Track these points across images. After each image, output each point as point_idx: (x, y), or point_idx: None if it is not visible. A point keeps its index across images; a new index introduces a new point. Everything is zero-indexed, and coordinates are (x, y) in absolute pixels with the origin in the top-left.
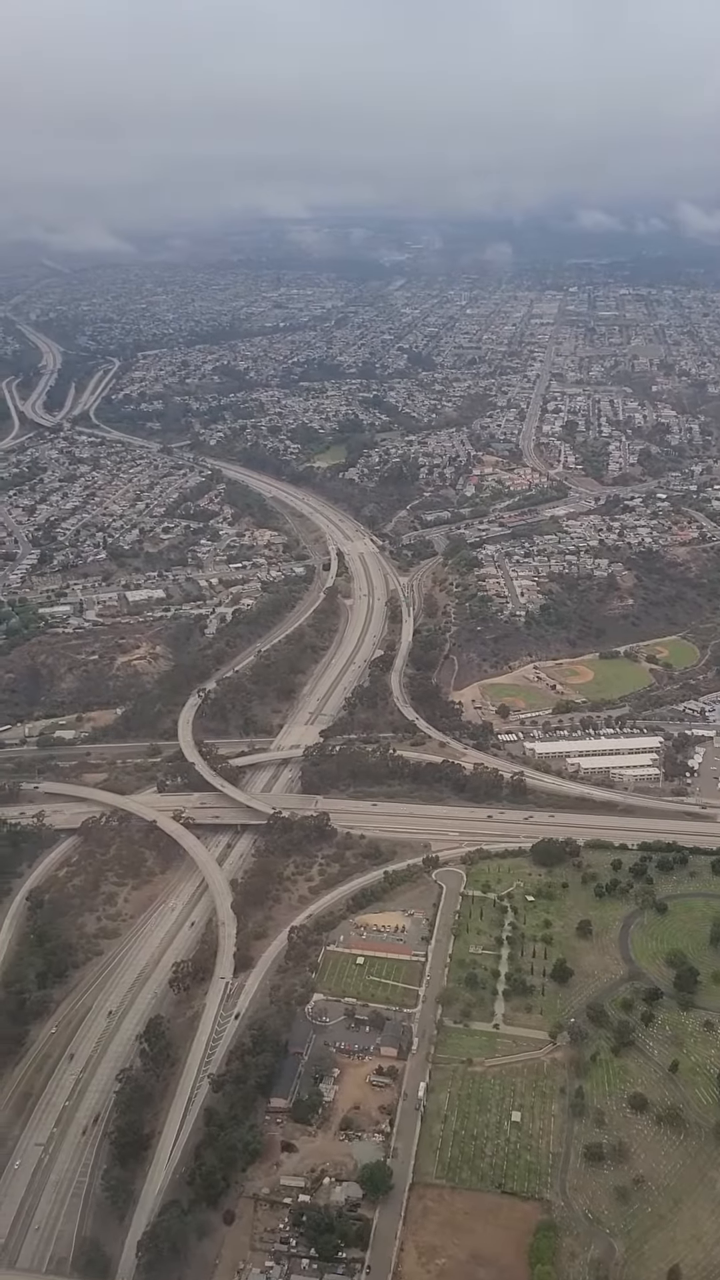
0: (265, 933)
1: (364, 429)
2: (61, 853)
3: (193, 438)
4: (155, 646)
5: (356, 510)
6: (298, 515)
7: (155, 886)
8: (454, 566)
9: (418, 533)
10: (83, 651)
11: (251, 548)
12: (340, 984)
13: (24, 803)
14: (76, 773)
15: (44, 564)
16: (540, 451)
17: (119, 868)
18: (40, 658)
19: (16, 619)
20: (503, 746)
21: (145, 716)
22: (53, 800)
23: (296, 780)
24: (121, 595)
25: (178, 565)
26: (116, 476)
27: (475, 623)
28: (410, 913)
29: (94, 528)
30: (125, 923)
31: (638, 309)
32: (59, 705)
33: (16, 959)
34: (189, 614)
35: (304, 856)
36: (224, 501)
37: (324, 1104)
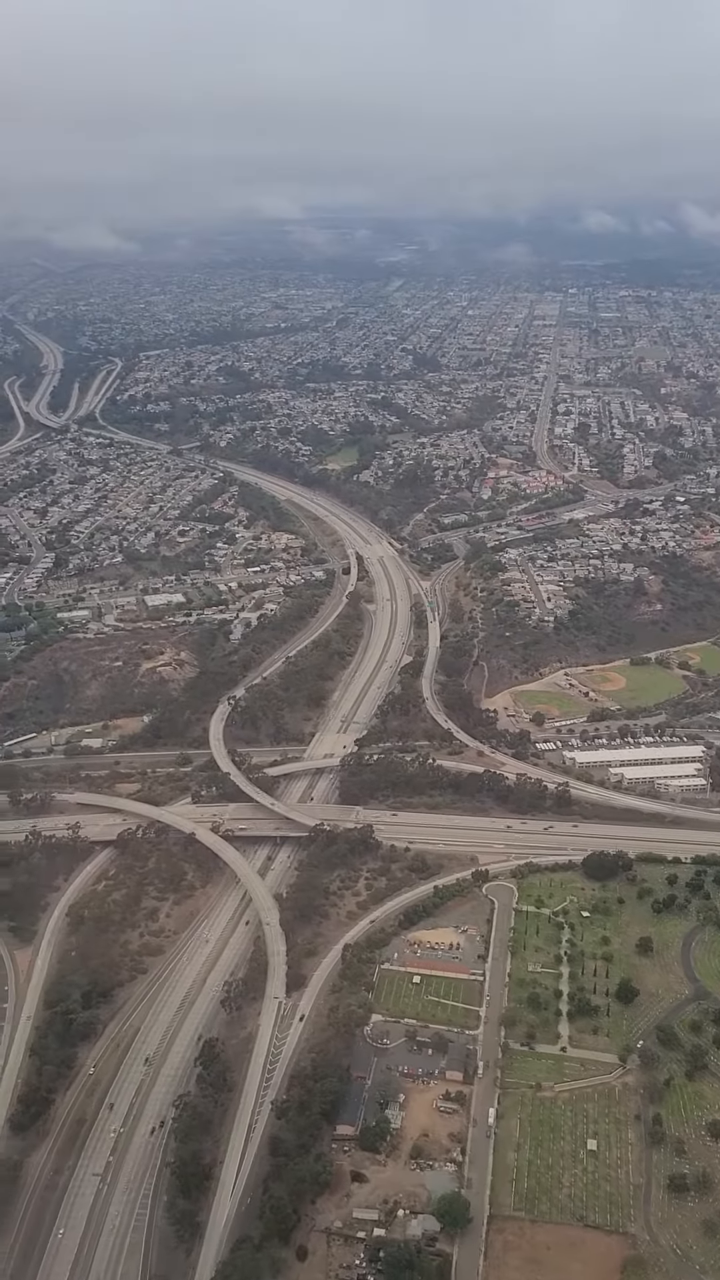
0: (315, 950)
1: (374, 431)
2: (97, 866)
3: (202, 439)
4: (180, 652)
5: (373, 513)
6: (313, 518)
7: (196, 901)
8: (477, 570)
9: (436, 536)
10: (106, 658)
11: (269, 551)
12: (398, 1004)
13: (56, 814)
14: (109, 783)
15: (59, 568)
16: (554, 454)
17: (159, 881)
18: (63, 664)
19: (35, 624)
20: (542, 756)
21: (174, 725)
22: (85, 811)
23: (334, 790)
24: (140, 600)
25: (195, 569)
26: (128, 479)
27: (503, 628)
28: (463, 929)
29: (108, 531)
30: (168, 939)
31: (639, 311)
32: (84, 713)
33: (59, 978)
34: (212, 619)
35: (348, 870)
36: (238, 504)
37: (392, 1131)
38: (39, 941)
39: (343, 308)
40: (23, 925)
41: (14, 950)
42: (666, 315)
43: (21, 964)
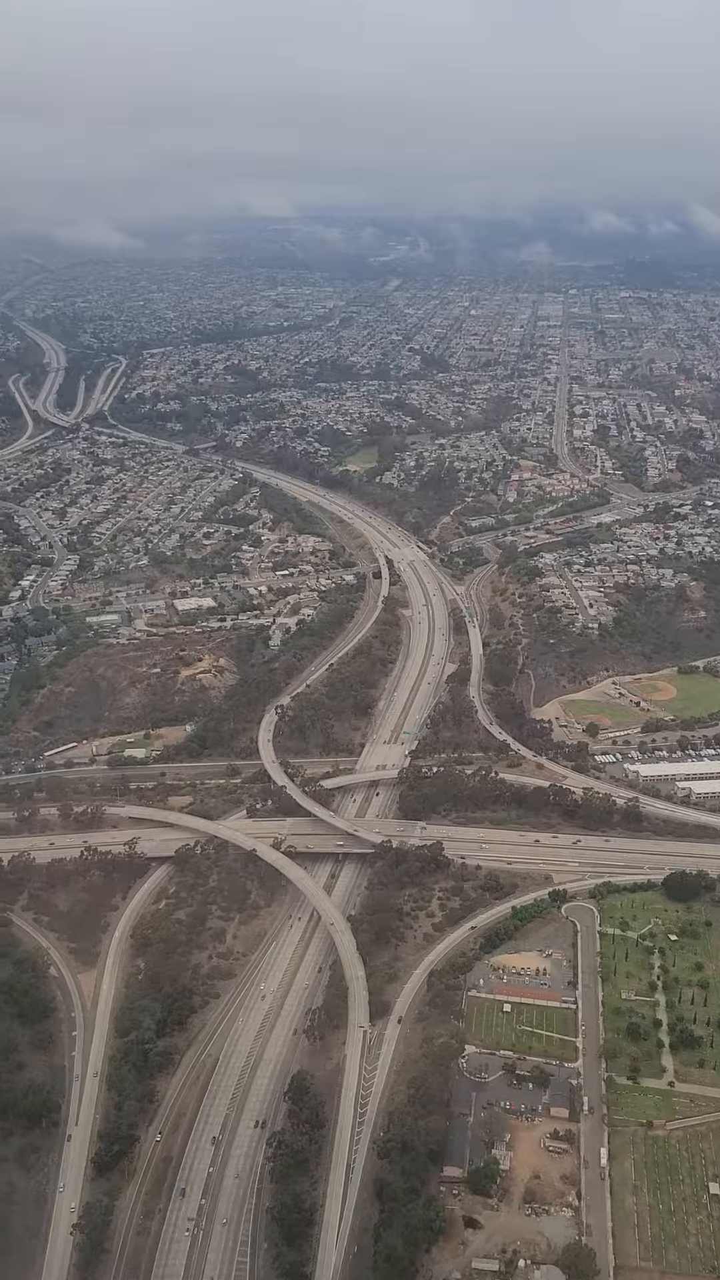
0: (395, 974)
1: (391, 431)
2: (155, 883)
3: (218, 439)
4: (218, 659)
5: (399, 516)
6: (337, 520)
7: (263, 921)
8: (513, 575)
9: (464, 539)
10: (143, 664)
11: (296, 554)
12: (491, 1034)
13: (108, 828)
14: (160, 796)
15: (84, 570)
16: (575, 456)
17: (222, 900)
18: (98, 670)
19: (64, 629)
20: (603, 769)
21: (219, 734)
22: (138, 825)
23: (391, 804)
24: (170, 604)
25: (222, 572)
26: (145, 479)
27: (546, 635)
28: (548, 953)
29: (130, 532)
30: (238, 961)
31: (642, 312)
32: (124, 721)
33: (128, 1003)
34: (247, 624)
35: (420, 889)
36: (260, 506)
37: (501, 1173)
38: (102, 964)
39: (344, 307)
40: (84, 946)
41: (77, 974)
42: (670, 317)
43: (86, 988)
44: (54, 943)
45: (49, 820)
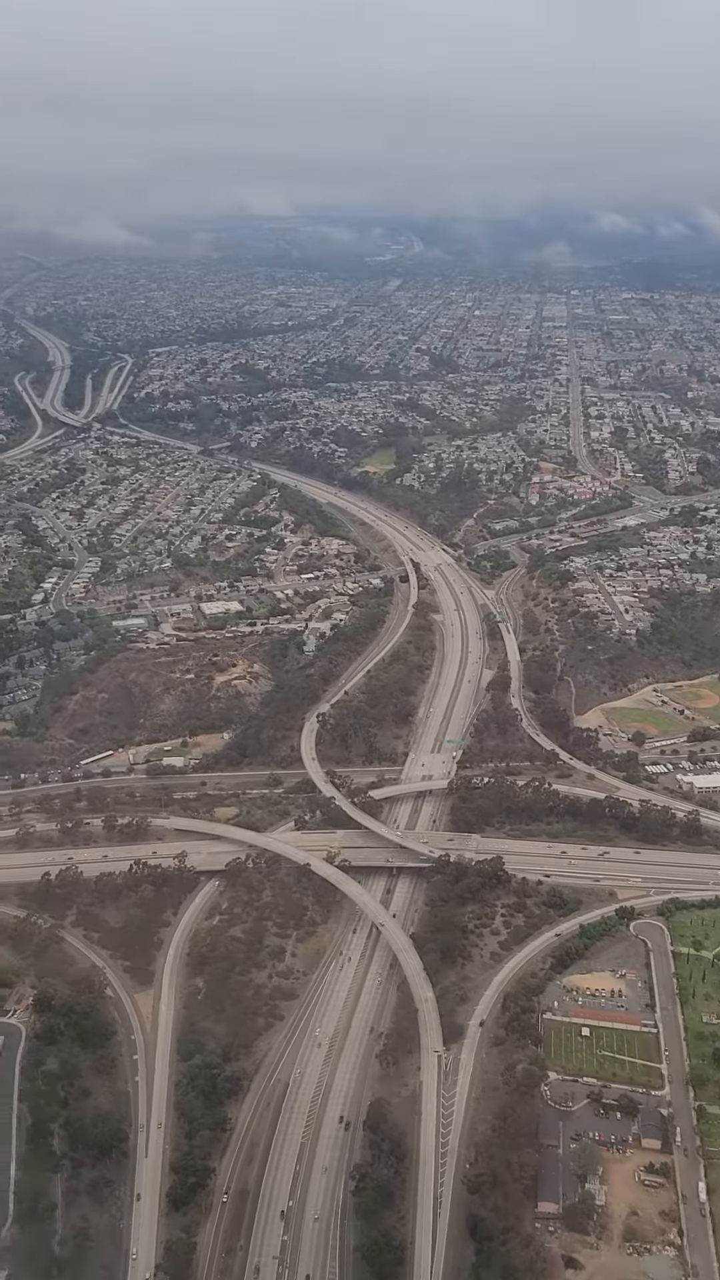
0: (466, 996)
1: (406, 432)
2: (205, 898)
3: (232, 439)
4: (252, 665)
5: (421, 518)
6: (359, 523)
7: (321, 938)
8: (544, 580)
9: (490, 542)
10: (176, 670)
11: (321, 557)
12: (572, 1060)
13: (153, 840)
14: (206, 807)
15: (106, 572)
16: (595, 459)
17: (278, 917)
18: (130, 675)
19: (90, 633)
20: (655, 779)
21: (259, 742)
22: (183, 838)
23: (441, 815)
24: (196, 607)
25: (247, 575)
26: (162, 479)
27: (583, 641)
28: (621, 974)
29: (151, 534)
30: (299, 980)
31: (646, 314)
32: (160, 728)
33: (189, 1025)
34: (279, 629)
35: (481, 905)
36: (281, 507)
37: (598, 1209)
38: (158, 983)
39: (346, 306)
40: (138, 965)
41: (133, 993)
42: (674, 318)
43: (143, 1009)
44: (107, 961)
45: (93, 832)
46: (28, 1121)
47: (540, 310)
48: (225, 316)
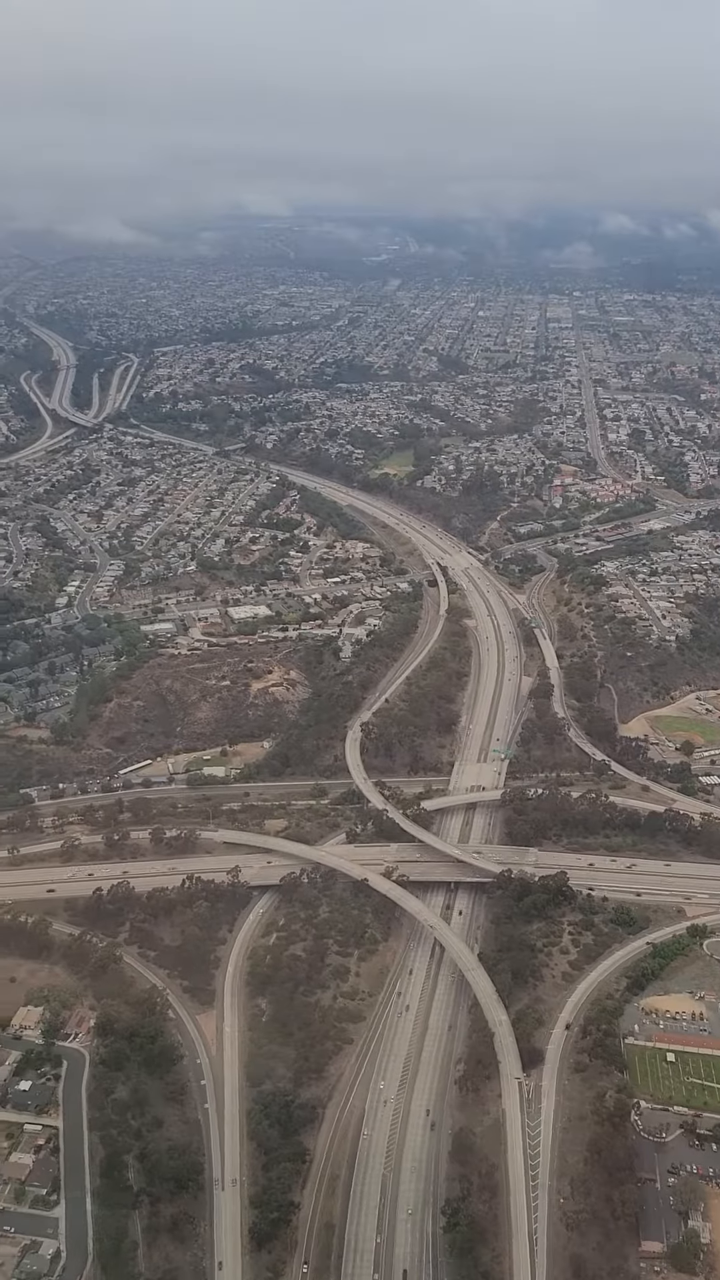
0: (541, 1018)
1: (422, 434)
2: (260, 914)
3: (247, 441)
4: (289, 671)
5: (444, 521)
6: (381, 526)
7: (383, 957)
8: (576, 584)
9: (515, 546)
10: (211, 676)
11: (346, 561)
12: (660, 1088)
13: (202, 853)
14: (255, 819)
15: (130, 576)
16: (614, 461)
17: (337, 934)
18: (165, 683)
19: (119, 638)
20: (711, 790)
21: (301, 752)
22: (233, 851)
23: (493, 827)
24: (224, 612)
25: (272, 579)
26: (180, 481)
27: (622, 647)
28: (699, 995)
29: (172, 536)
30: (364, 1001)
31: (650, 315)
32: (198, 737)
33: (256, 1050)
34: (313, 635)
35: (548, 923)
36: (302, 510)
37: (703, 1248)
38: (220, 1004)
39: (349, 306)
40: (197, 985)
41: (195, 1015)
42: (679, 320)
43: (207, 1031)
44: (165, 980)
45: (140, 845)
46: (100, 1154)
47: (544, 311)
48: (228, 316)
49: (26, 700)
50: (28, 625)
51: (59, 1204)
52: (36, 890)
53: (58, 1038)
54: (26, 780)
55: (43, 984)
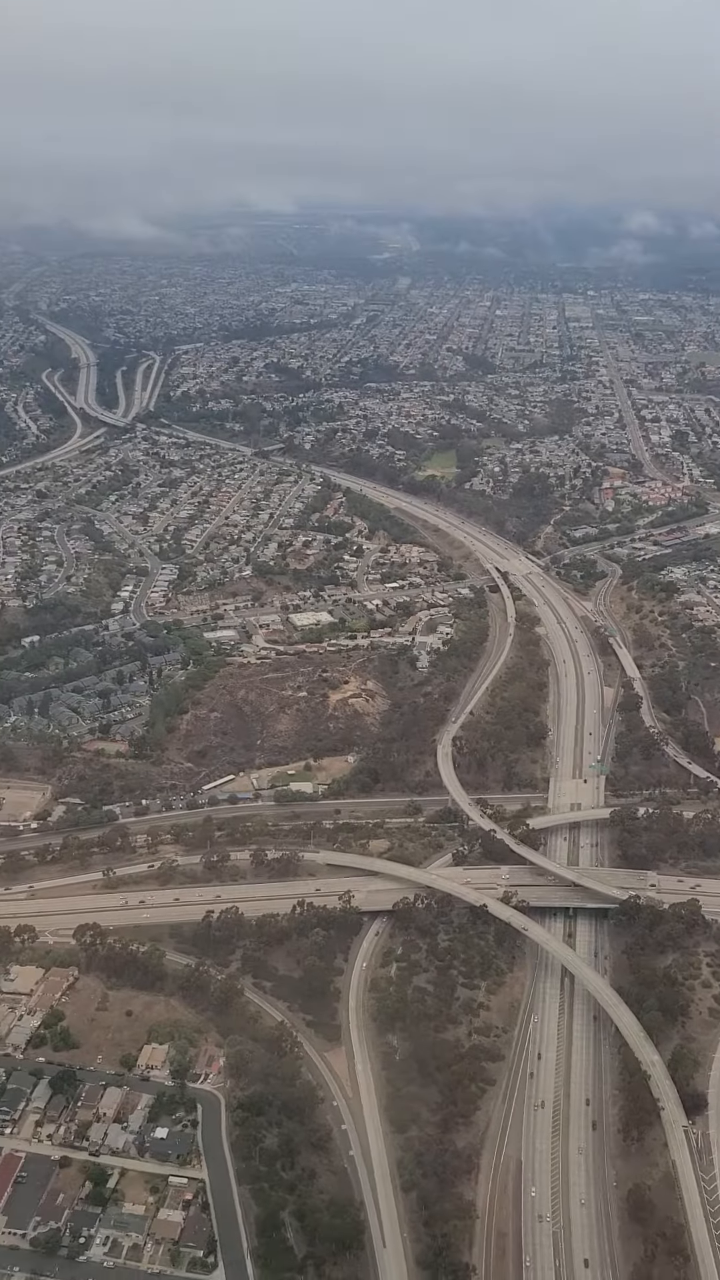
0: (699, 1059)
1: (460, 435)
2: (374, 942)
3: (284, 441)
4: (365, 682)
5: (498, 525)
6: (432, 529)
7: (512, 989)
8: (644, 591)
9: (573, 550)
10: (286, 687)
11: (403, 565)
12: None
13: (304, 876)
14: (356, 839)
15: (184, 580)
16: (659, 463)
17: (460, 964)
18: (239, 693)
19: (183, 646)
20: None
21: (390, 767)
22: (336, 874)
23: (602, 848)
24: (285, 619)
25: (329, 584)
26: (222, 483)
27: (705, 658)
28: None
29: (223, 540)
30: (500, 1038)
31: (669, 315)
32: (279, 751)
33: (395, 1091)
34: (385, 643)
35: (682, 954)
36: (351, 513)
37: None
38: (347, 1040)
39: (364, 305)
40: (321, 1019)
41: (324, 1052)
42: (699, 320)
43: (338, 1069)
44: (285, 1014)
45: (239, 867)
46: (254, 1210)
47: (563, 310)
48: (244, 314)
49: (98, 711)
50: (86, 632)
51: (217, 1267)
52: (135, 915)
53: (187, 1078)
54: (108, 796)
55: (160, 1018)
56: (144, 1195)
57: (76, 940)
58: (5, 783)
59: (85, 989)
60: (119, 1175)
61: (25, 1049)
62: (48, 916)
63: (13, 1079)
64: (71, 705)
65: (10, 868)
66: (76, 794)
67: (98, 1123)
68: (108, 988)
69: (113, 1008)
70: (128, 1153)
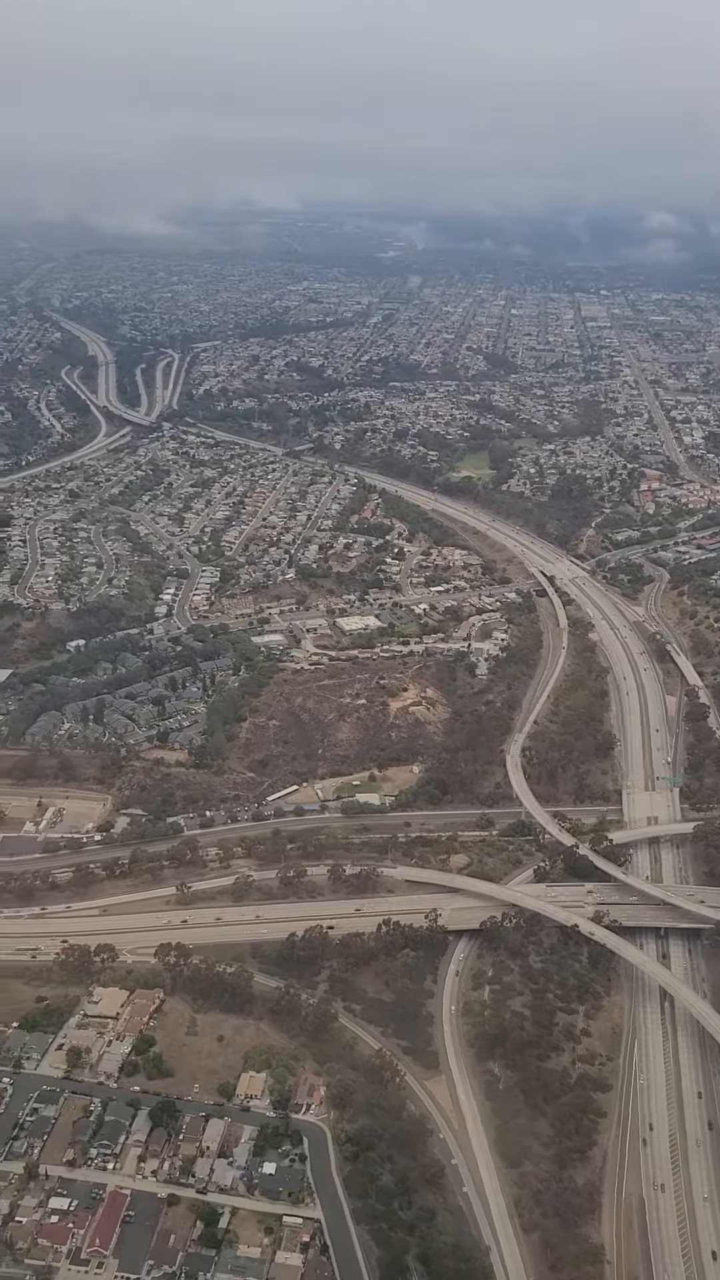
0: None
1: (492, 435)
2: (463, 963)
3: (314, 441)
4: (425, 689)
5: (538, 528)
6: (472, 531)
7: (611, 1014)
8: (697, 596)
9: (617, 554)
10: (344, 694)
11: (446, 568)
12: None
13: (383, 893)
14: (431, 853)
15: (226, 583)
16: (695, 465)
17: (555, 988)
18: (296, 701)
19: (232, 650)
20: None
21: (457, 777)
22: (415, 890)
23: (685, 865)
24: (333, 623)
25: (373, 587)
26: (256, 483)
27: None
28: None
29: (262, 541)
30: (605, 1067)
31: (686, 315)
32: (342, 761)
33: (503, 1124)
34: (440, 649)
35: None
36: (389, 515)
37: None
38: (446, 1067)
39: (378, 303)
40: (416, 1045)
41: (423, 1080)
42: (716, 320)
43: (440, 1099)
44: (380, 1039)
45: (315, 883)
46: (375, 1253)
47: (579, 310)
48: (259, 312)
49: (153, 718)
50: (132, 636)
51: None
52: (214, 932)
53: (289, 1109)
54: (171, 807)
55: (253, 1044)
56: (258, 1236)
57: (159, 960)
58: (65, 792)
59: (172, 1012)
60: (230, 1214)
61: (118, 1077)
62: (124, 934)
63: (110, 1110)
64: (126, 712)
65: (80, 882)
66: (138, 804)
67: (202, 1157)
68: (195, 1010)
69: (202, 1032)
70: (236, 1190)
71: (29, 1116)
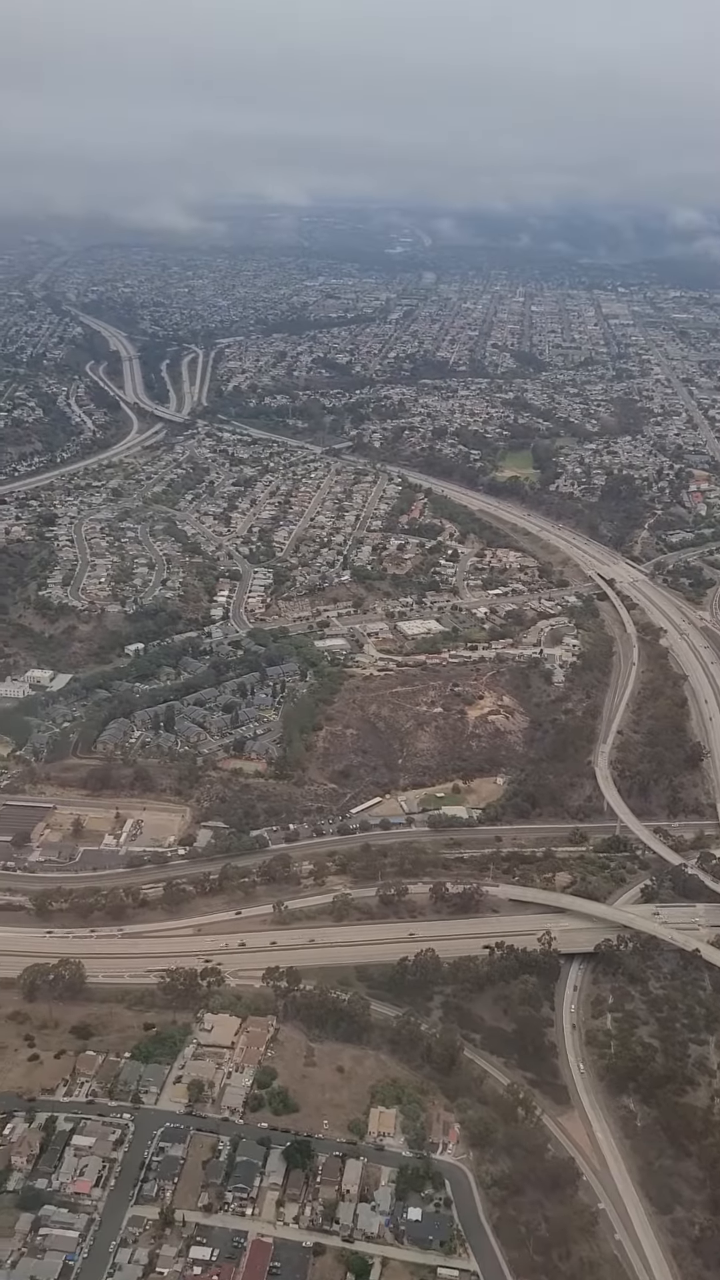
0: None
1: (532, 434)
2: (577, 988)
3: (352, 440)
4: (501, 697)
5: (590, 529)
6: (523, 533)
7: None
8: None
9: (674, 556)
10: (420, 702)
11: (502, 571)
12: None
13: (487, 913)
14: (532, 870)
15: (280, 585)
16: None
17: (682, 1017)
18: (370, 709)
19: (296, 655)
20: None
21: (546, 789)
22: (520, 910)
23: None
24: (394, 627)
25: (430, 590)
26: (300, 482)
27: None
28: None
29: (312, 542)
30: None
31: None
32: (423, 771)
33: (647, 1165)
34: (511, 655)
35: None
36: (437, 515)
37: None
38: (579, 1103)
39: (397, 300)
40: (543, 1078)
41: (556, 1117)
42: None
43: (576, 1137)
44: (505, 1071)
45: (416, 901)
46: None
47: (599, 307)
48: (278, 307)
49: (226, 727)
50: (192, 639)
51: None
52: (318, 954)
53: (425, 1148)
54: (253, 820)
55: (375, 1076)
56: None
57: (267, 984)
58: (142, 803)
59: (288, 1041)
60: (380, 1265)
61: (243, 1112)
62: (225, 955)
63: (241, 1149)
64: (197, 720)
65: (171, 899)
66: (219, 816)
67: (343, 1201)
68: (310, 1039)
69: (321, 1063)
70: (383, 1238)
71: (156, 1156)
